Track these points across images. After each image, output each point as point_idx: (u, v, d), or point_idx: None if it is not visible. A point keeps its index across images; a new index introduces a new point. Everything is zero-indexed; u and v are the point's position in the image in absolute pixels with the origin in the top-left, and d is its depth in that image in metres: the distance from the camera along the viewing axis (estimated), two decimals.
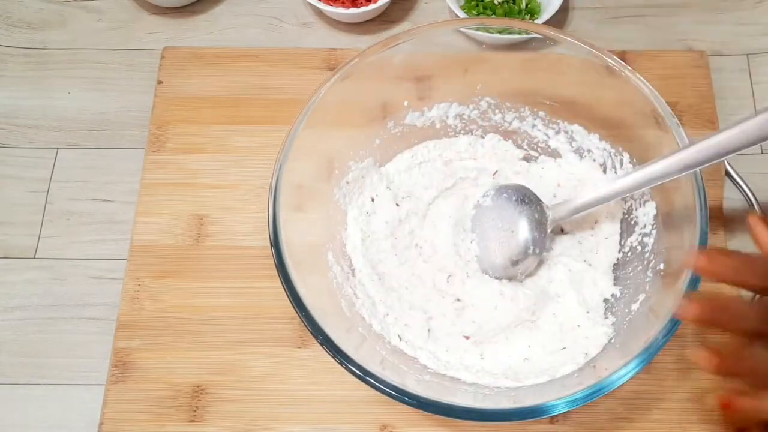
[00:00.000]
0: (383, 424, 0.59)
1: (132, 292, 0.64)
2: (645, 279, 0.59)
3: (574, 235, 0.64)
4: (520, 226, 0.62)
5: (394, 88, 0.65)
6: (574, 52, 0.61)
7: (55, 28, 0.77)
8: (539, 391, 0.54)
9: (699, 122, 0.69)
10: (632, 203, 0.63)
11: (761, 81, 0.73)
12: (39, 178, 0.70)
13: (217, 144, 0.69)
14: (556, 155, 0.66)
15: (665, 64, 0.72)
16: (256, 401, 0.60)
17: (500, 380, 0.57)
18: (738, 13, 0.77)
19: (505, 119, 0.67)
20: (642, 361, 0.51)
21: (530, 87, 0.65)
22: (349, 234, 0.63)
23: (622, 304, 0.60)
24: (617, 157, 0.63)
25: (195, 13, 0.78)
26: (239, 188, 0.68)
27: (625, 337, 0.57)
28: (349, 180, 0.64)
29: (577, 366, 0.56)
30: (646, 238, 0.61)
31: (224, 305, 0.63)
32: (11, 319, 0.64)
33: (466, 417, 0.51)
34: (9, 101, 0.73)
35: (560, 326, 0.60)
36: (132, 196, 0.68)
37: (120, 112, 0.73)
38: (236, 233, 0.66)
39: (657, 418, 0.59)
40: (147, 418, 0.60)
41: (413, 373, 0.57)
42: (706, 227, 0.54)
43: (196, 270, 0.65)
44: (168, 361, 0.61)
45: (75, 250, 0.67)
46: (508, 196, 0.63)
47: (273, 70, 0.73)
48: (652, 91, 0.59)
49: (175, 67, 0.73)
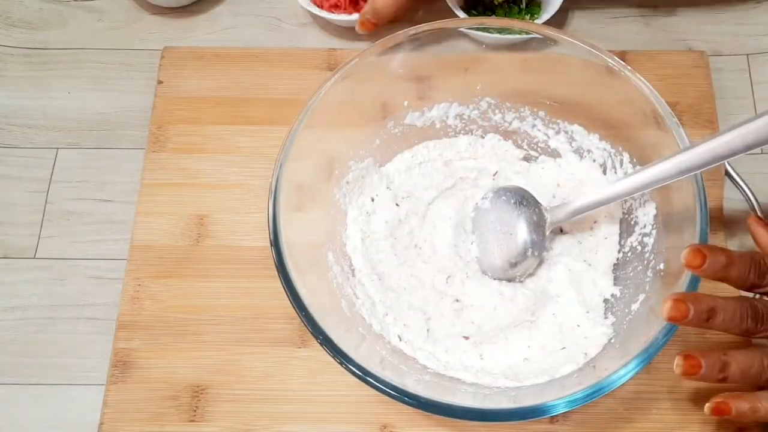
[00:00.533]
0: (383, 424, 0.59)
1: (132, 292, 0.64)
2: (645, 279, 0.59)
3: (574, 235, 0.64)
4: (518, 229, 0.62)
5: (394, 88, 0.65)
6: (574, 52, 0.61)
7: (55, 28, 0.77)
8: (539, 391, 0.54)
9: (699, 122, 0.69)
10: (632, 203, 0.63)
11: (761, 81, 0.73)
12: (39, 178, 0.70)
13: (217, 144, 0.69)
14: (556, 155, 0.66)
15: (665, 64, 0.72)
16: (256, 401, 0.60)
17: (500, 380, 0.57)
18: (738, 13, 0.77)
19: (505, 119, 0.67)
20: (642, 361, 0.51)
21: (530, 87, 0.65)
22: (349, 234, 0.63)
23: (622, 304, 0.60)
24: (617, 157, 0.63)
25: (195, 13, 0.78)
26: (239, 188, 0.68)
27: (625, 337, 0.57)
28: (349, 180, 0.64)
29: (577, 366, 0.56)
30: (646, 238, 0.61)
31: (224, 305, 0.63)
32: (11, 319, 0.64)
33: (466, 417, 0.51)
34: (9, 101, 0.73)
35: (560, 326, 0.60)
36: (132, 196, 0.68)
37: (120, 112, 0.73)
38: (236, 233, 0.66)
39: (657, 418, 0.59)
40: (147, 418, 0.60)
41: (413, 373, 0.57)
42: (707, 227, 0.54)
43: (196, 270, 0.65)
44: (168, 361, 0.61)
45: (75, 250, 0.67)
46: (507, 198, 0.63)
47: (273, 70, 0.73)
48: (652, 91, 0.59)
49: (175, 67, 0.73)
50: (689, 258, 0.50)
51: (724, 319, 0.50)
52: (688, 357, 0.51)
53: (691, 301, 0.50)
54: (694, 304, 0.49)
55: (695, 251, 0.50)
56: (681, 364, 0.51)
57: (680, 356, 0.51)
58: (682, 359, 0.51)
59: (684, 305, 0.49)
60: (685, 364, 0.51)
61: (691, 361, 0.51)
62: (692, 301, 0.50)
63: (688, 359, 0.51)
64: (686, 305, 0.49)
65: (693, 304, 0.49)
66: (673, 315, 0.49)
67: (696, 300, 0.50)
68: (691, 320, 0.49)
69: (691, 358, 0.51)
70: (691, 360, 0.51)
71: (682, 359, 0.51)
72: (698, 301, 0.50)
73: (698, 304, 0.50)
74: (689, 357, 0.51)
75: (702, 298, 0.50)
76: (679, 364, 0.51)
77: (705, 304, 0.50)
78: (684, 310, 0.49)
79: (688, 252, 0.50)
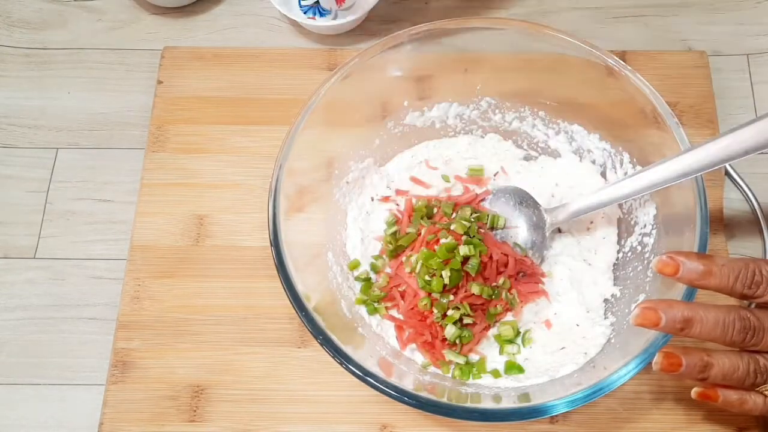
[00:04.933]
0: (383, 424, 0.59)
1: (132, 292, 0.64)
2: (645, 279, 0.59)
3: (572, 234, 0.64)
4: (518, 230, 0.62)
5: (394, 88, 0.65)
6: (574, 52, 0.61)
7: (55, 28, 0.77)
8: (539, 391, 0.54)
9: (699, 122, 0.69)
10: (632, 203, 0.63)
11: (761, 81, 0.73)
12: (39, 178, 0.70)
13: (217, 144, 0.69)
14: (556, 155, 0.66)
15: (665, 64, 0.72)
16: (256, 401, 0.60)
17: (500, 380, 0.57)
18: (738, 13, 0.77)
19: (505, 119, 0.67)
20: (642, 361, 0.51)
21: (530, 87, 0.65)
22: (349, 234, 0.63)
23: (622, 304, 0.60)
24: (617, 157, 0.63)
25: (195, 13, 0.78)
26: (239, 188, 0.68)
27: (625, 337, 0.57)
28: (349, 180, 0.64)
29: (577, 366, 0.56)
30: (646, 238, 0.61)
31: (224, 305, 0.63)
32: (11, 319, 0.64)
33: (466, 417, 0.51)
34: (9, 101, 0.73)
35: (561, 326, 0.60)
36: (132, 196, 0.68)
37: (120, 112, 0.73)
38: (236, 233, 0.66)
39: (657, 418, 0.59)
40: (147, 418, 0.60)
41: (413, 373, 0.57)
42: (707, 228, 0.54)
43: (196, 270, 0.65)
44: (168, 361, 0.61)
45: (75, 250, 0.67)
46: (507, 199, 0.63)
47: (273, 70, 0.73)
48: (652, 91, 0.59)
49: (175, 67, 0.73)
50: (660, 266, 0.48)
51: (702, 330, 0.48)
52: (668, 355, 0.49)
53: (664, 310, 0.48)
54: (666, 312, 0.48)
55: (668, 259, 0.48)
56: (660, 361, 0.49)
57: (660, 353, 0.49)
58: (662, 356, 0.49)
59: (654, 313, 0.48)
60: (664, 361, 0.49)
61: (671, 359, 0.49)
62: (665, 309, 0.48)
63: (668, 357, 0.49)
64: (656, 313, 0.48)
65: (665, 313, 0.48)
66: (641, 323, 0.48)
67: (669, 308, 0.48)
68: (663, 328, 0.48)
69: (671, 356, 0.49)
70: (671, 358, 0.49)
71: (662, 356, 0.49)
72: (672, 309, 0.48)
73: (671, 313, 0.48)
74: (669, 355, 0.49)
75: (677, 306, 0.48)
76: (658, 361, 0.49)
77: (680, 313, 0.48)
78: (653, 318, 0.48)
79: (657, 261, 0.49)
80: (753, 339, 0.49)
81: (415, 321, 0.59)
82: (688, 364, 0.49)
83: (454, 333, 0.57)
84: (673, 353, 0.49)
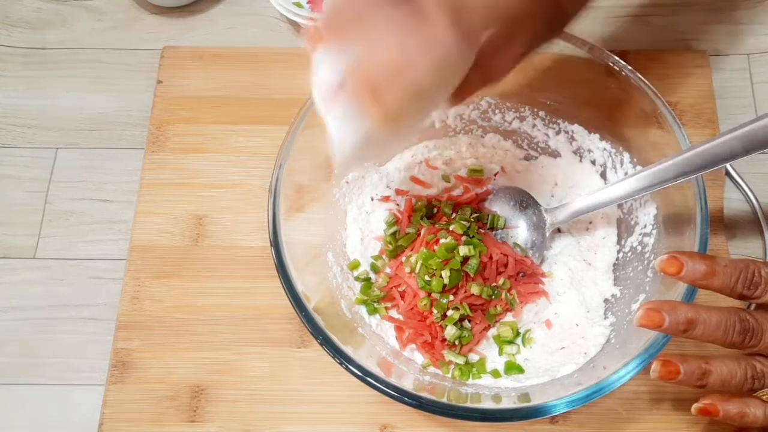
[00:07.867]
0: (383, 424, 0.59)
1: (132, 292, 0.64)
2: (645, 279, 0.59)
3: (572, 234, 0.64)
4: (518, 230, 0.62)
5: None
6: (574, 52, 0.61)
7: (54, 27, 0.77)
8: (539, 391, 0.54)
9: (699, 122, 0.69)
10: (632, 203, 0.63)
11: (761, 81, 0.73)
12: (38, 178, 0.70)
13: (216, 144, 0.69)
14: (556, 155, 0.66)
15: (665, 64, 0.72)
16: (256, 401, 0.60)
17: (500, 380, 0.57)
18: (738, 13, 0.77)
19: (505, 119, 0.67)
20: (642, 361, 0.51)
21: (530, 87, 0.65)
22: (349, 234, 0.63)
23: (622, 304, 0.60)
24: (617, 157, 0.63)
25: (195, 13, 0.78)
26: (239, 188, 0.68)
27: (625, 337, 0.57)
28: (349, 180, 0.64)
29: (577, 366, 0.56)
30: (647, 238, 0.61)
31: (224, 305, 0.63)
32: (11, 319, 0.64)
33: (466, 417, 0.51)
34: (8, 101, 0.73)
35: (561, 326, 0.60)
36: (131, 196, 0.68)
37: (120, 112, 0.73)
38: (236, 233, 0.66)
39: (657, 418, 0.59)
40: (147, 418, 0.59)
41: (413, 373, 0.57)
42: (707, 228, 0.54)
43: (195, 270, 0.65)
44: (168, 361, 0.61)
45: (75, 250, 0.67)
46: (507, 200, 0.63)
47: (272, 70, 0.73)
48: (652, 91, 0.59)
49: (175, 67, 0.73)
50: (664, 265, 0.48)
51: (705, 332, 0.48)
52: (666, 363, 0.49)
53: (667, 311, 0.48)
54: (670, 314, 0.48)
55: (672, 258, 0.48)
56: (658, 369, 0.49)
57: (657, 361, 0.49)
58: (659, 365, 0.49)
59: (657, 315, 0.48)
60: (662, 370, 0.49)
61: (669, 367, 0.49)
62: (668, 310, 0.48)
63: (666, 365, 0.49)
64: (660, 315, 0.48)
65: (669, 314, 0.48)
66: (645, 324, 0.48)
67: (673, 310, 0.48)
68: (666, 330, 0.48)
69: (669, 364, 0.49)
70: (669, 366, 0.49)
71: (659, 365, 0.49)
72: (675, 311, 0.48)
73: (675, 315, 0.48)
74: (667, 363, 0.49)
75: (680, 308, 0.48)
76: (656, 369, 0.49)
77: (683, 314, 0.48)
78: (657, 319, 0.48)
79: (660, 260, 0.49)
80: (752, 340, 0.49)
81: (414, 321, 0.59)
82: (686, 372, 0.49)
83: (453, 333, 0.57)
84: (671, 361, 0.49)
